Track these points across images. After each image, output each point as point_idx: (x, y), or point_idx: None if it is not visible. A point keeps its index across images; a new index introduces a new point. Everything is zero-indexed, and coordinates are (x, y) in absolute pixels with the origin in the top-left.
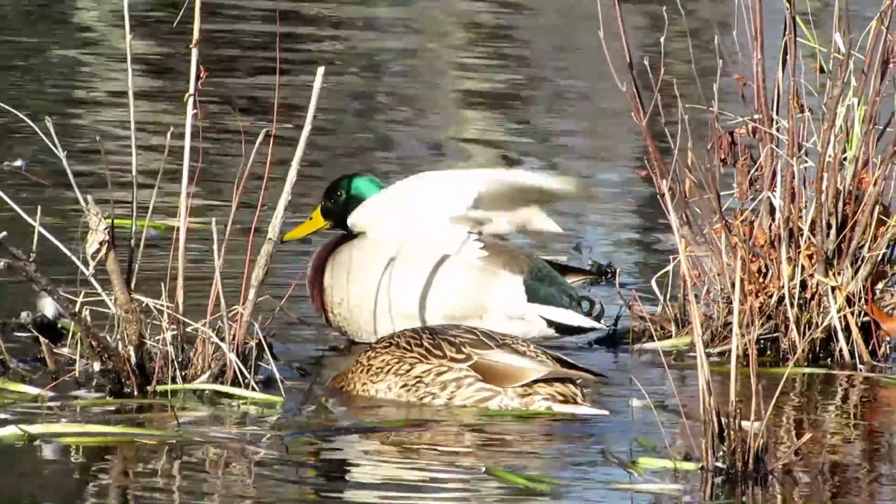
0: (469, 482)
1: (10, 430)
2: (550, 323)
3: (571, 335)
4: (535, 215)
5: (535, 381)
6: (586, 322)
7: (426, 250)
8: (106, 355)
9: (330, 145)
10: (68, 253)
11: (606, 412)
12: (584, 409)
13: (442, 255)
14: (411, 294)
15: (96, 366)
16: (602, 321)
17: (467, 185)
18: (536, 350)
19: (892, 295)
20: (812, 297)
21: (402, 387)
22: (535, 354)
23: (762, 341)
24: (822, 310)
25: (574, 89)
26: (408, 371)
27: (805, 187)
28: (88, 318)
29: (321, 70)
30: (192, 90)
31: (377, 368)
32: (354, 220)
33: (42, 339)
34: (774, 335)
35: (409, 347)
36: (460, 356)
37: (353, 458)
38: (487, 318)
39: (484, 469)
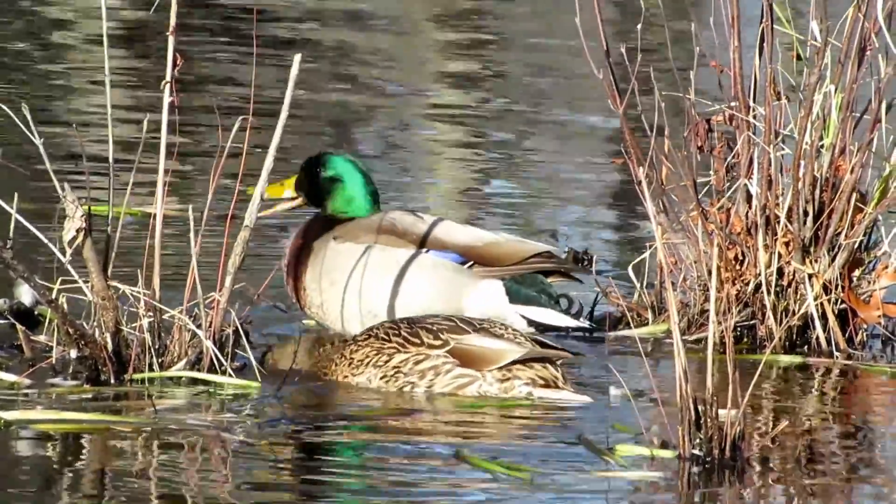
0: (445, 469)
1: None
2: (531, 323)
3: (554, 331)
4: None
5: (514, 363)
6: (568, 321)
7: (405, 254)
8: (83, 342)
9: (304, 125)
10: (45, 240)
11: (588, 398)
12: (566, 395)
13: (420, 257)
14: (391, 297)
15: (73, 353)
16: (582, 319)
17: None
18: (515, 332)
19: (869, 282)
20: (789, 285)
21: (382, 378)
22: (513, 336)
23: (739, 329)
24: (798, 297)
25: (550, 73)
26: (386, 362)
27: (782, 174)
28: (65, 306)
29: (297, 58)
30: (168, 77)
31: (357, 361)
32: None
33: (19, 326)
34: (751, 322)
35: (387, 338)
36: (438, 342)
37: (329, 445)
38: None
39: (455, 454)
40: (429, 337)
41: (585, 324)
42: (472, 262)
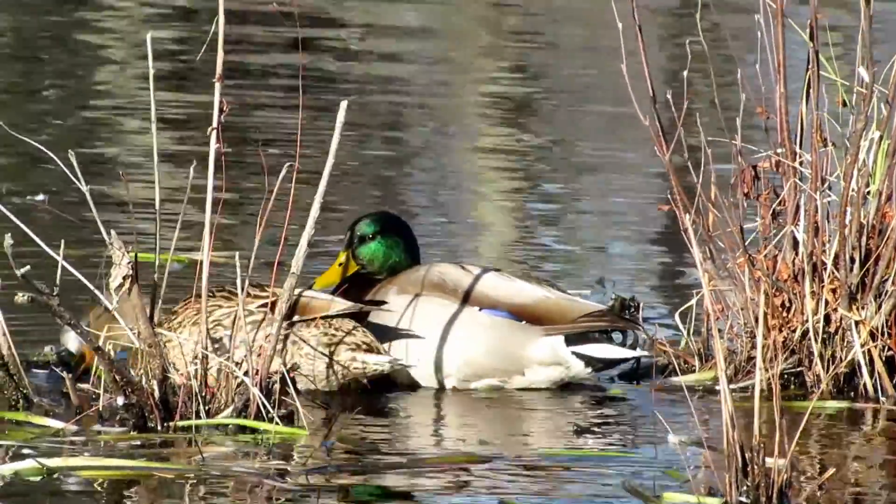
0: None
1: (28, 464)
2: (591, 361)
3: (610, 368)
4: None
5: (335, 318)
6: (626, 353)
7: (461, 312)
8: (129, 389)
9: (351, 173)
10: (92, 287)
11: (404, 362)
12: (381, 358)
13: (477, 316)
14: (450, 353)
15: (120, 400)
16: (638, 349)
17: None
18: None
19: None
20: (836, 332)
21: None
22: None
23: (786, 376)
24: (845, 344)
25: (597, 112)
26: (208, 317)
27: (828, 221)
28: (112, 353)
29: (344, 104)
30: (215, 123)
31: (178, 322)
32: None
33: (65, 373)
34: (798, 369)
35: (212, 294)
36: (263, 294)
37: (375, 493)
38: (530, 372)
39: (498, 502)
40: (254, 290)
41: (643, 353)
42: (523, 321)
